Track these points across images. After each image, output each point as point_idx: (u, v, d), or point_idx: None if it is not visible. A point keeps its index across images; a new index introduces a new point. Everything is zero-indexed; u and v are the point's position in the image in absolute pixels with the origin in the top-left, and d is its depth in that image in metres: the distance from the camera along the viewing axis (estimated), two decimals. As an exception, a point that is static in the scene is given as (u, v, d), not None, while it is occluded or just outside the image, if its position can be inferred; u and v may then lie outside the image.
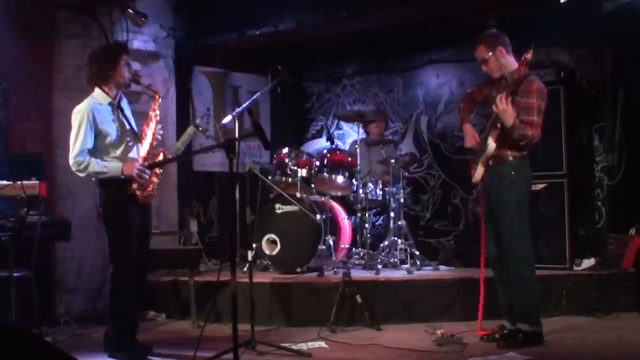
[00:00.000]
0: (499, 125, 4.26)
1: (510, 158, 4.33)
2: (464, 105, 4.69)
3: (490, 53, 4.36)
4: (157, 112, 4.46)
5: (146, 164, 4.29)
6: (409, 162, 6.64)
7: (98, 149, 4.25)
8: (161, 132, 4.49)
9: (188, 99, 6.93)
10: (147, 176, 4.28)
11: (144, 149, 4.37)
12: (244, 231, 4.99)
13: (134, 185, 4.25)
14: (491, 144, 4.28)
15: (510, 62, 4.36)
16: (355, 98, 7.74)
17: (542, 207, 5.55)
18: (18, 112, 5.72)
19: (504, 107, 4.17)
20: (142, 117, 4.57)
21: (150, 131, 4.39)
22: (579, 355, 4.21)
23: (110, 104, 4.31)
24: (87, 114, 4.19)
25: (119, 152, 4.30)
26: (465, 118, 4.63)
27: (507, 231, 4.35)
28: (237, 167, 3.99)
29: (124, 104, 4.45)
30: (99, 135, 4.24)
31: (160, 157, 4.39)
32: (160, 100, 4.51)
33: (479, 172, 4.39)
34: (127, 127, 4.36)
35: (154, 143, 4.40)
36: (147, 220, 4.49)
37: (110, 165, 4.22)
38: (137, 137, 4.41)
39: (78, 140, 4.18)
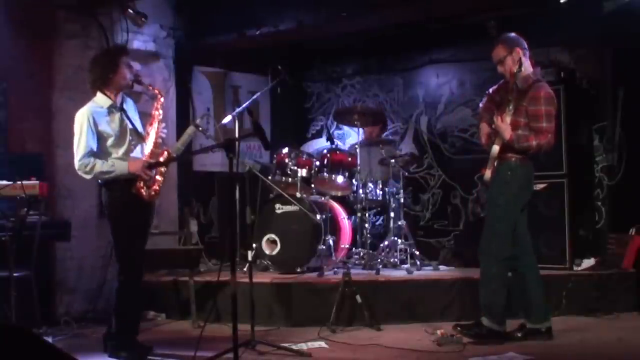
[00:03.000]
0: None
1: (512, 159, 4.43)
2: (484, 105, 4.72)
3: (507, 54, 4.40)
4: (160, 112, 4.48)
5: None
6: (409, 162, 6.63)
7: (101, 151, 4.29)
8: (165, 131, 4.51)
9: (188, 99, 6.93)
10: (151, 174, 4.29)
11: (148, 148, 4.39)
12: (244, 231, 4.98)
13: (140, 184, 4.26)
14: (495, 147, 4.41)
15: (526, 66, 4.40)
16: (355, 98, 7.73)
17: (542, 207, 5.56)
18: (18, 112, 5.71)
19: (498, 123, 4.35)
20: (142, 117, 4.58)
21: (153, 131, 4.41)
22: (579, 355, 4.21)
23: (110, 106, 4.33)
24: (88, 118, 4.24)
25: (121, 152, 4.32)
26: (483, 117, 4.69)
27: (488, 227, 4.47)
28: (237, 167, 3.99)
29: (128, 105, 4.46)
30: (100, 137, 4.28)
31: (164, 156, 4.40)
32: (162, 100, 4.54)
33: (487, 173, 4.49)
34: (130, 127, 4.38)
35: (158, 142, 4.42)
36: (148, 220, 4.50)
37: (116, 164, 4.25)
38: (141, 137, 4.42)
39: (81, 144, 4.23)
